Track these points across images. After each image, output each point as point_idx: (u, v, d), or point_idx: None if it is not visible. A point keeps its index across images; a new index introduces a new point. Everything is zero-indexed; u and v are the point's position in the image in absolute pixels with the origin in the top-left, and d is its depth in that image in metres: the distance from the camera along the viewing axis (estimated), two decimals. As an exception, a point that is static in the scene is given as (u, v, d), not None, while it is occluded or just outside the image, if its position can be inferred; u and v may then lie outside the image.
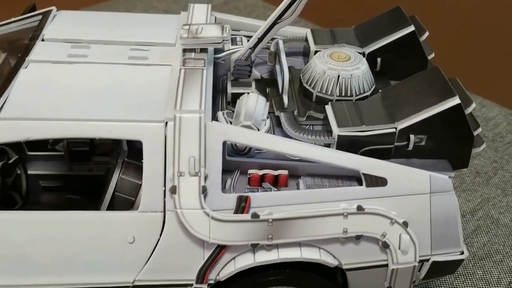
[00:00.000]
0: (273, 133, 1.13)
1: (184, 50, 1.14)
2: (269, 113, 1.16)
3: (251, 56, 1.19)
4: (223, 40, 1.13)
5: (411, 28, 1.27)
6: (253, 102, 1.11)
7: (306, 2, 1.12)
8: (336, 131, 1.05)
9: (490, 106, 1.94)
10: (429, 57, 1.31)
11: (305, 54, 1.37)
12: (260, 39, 1.16)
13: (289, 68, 1.31)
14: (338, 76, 1.15)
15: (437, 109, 1.04)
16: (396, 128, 1.05)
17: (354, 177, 1.06)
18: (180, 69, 1.09)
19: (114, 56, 1.14)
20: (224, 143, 1.00)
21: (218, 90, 1.25)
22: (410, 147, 1.06)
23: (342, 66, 1.16)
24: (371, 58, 1.29)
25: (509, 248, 1.42)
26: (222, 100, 1.21)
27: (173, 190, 0.97)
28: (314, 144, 1.06)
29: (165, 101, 1.01)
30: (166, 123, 0.98)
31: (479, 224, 1.48)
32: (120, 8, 2.52)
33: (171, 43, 1.20)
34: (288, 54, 1.38)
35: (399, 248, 1.03)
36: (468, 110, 1.07)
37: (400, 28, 1.28)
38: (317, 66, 1.17)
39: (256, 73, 1.21)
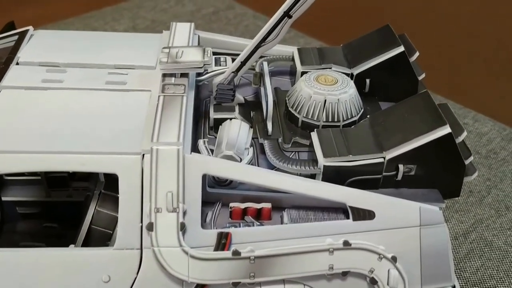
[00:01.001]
0: (257, 161, 1.09)
1: (164, 75, 1.09)
2: (253, 138, 1.12)
3: (234, 80, 1.14)
4: (204, 65, 1.08)
5: (401, 48, 1.23)
6: (236, 130, 1.07)
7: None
8: (322, 161, 1.00)
9: (484, 120, 1.90)
10: (420, 78, 1.27)
11: (292, 73, 1.32)
12: (243, 63, 1.11)
13: (275, 89, 1.26)
14: (325, 100, 1.11)
15: (427, 138, 0.99)
16: (384, 158, 1.01)
17: (340, 209, 1.01)
18: (159, 96, 1.04)
19: (91, 81, 1.10)
20: (204, 176, 0.96)
21: (201, 113, 1.20)
22: (399, 177, 1.02)
23: (328, 90, 1.12)
24: (359, 79, 1.24)
25: (503, 273, 1.38)
26: (205, 125, 1.16)
27: (150, 227, 0.92)
28: (299, 174, 1.02)
29: (143, 131, 0.97)
30: (143, 155, 0.93)
31: (472, 247, 1.44)
32: (107, 18, 2.47)
33: (151, 65, 1.15)
34: (275, 74, 1.35)
35: (388, 284, 0.98)
36: (459, 139, 1.02)
37: (390, 49, 1.24)
38: (302, 90, 1.13)
39: (240, 97, 1.16)
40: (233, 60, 1.27)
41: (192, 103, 1.07)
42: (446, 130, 0.99)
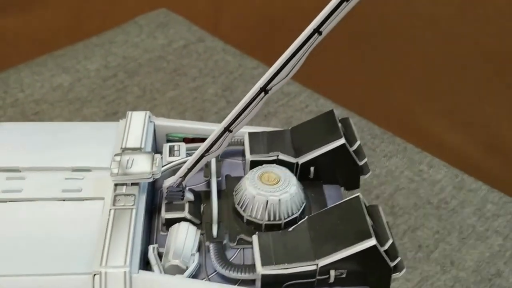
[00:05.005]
0: (205, 261, 1.18)
1: (116, 184, 1.18)
2: (202, 234, 1.21)
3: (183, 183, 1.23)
4: (152, 175, 1.17)
5: (342, 140, 1.32)
6: (183, 236, 1.16)
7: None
8: (260, 270, 1.10)
9: (438, 166, 1.99)
10: (361, 163, 1.36)
11: (244, 154, 1.41)
12: (189, 170, 1.20)
13: (226, 177, 1.35)
14: (267, 201, 1.20)
15: (354, 249, 1.09)
16: (317, 265, 1.11)
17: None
18: (110, 209, 1.13)
19: (48, 189, 1.18)
20: (151, 294, 1.05)
21: (155, 205, 1.29)
22: (331, 280, 1.12)
23: (270, 191, 1.21)
24: (304, 167, 1.34)
25: (443, 336, 1.49)
26: (159, 219, 1.25)
27: None
28: (241, 281, 1.11)
29: (94, 247, 1.05)
30: (94, 275, 1.02)
31: (415, 309, 1.55)
32: (80, 56, 2.53)
33: (106, 167, 1.23)
34: (228, 154, 1.43)
35: None
36: (386, 246, 1.12)
37: (331, 140, 1.33)
38: (247, 189, 1.22)
39: (189, 196, 1.25)
40: (188, 140, 1.38)
41: (143, 211, 1.16)
42: (371, 242, 1.09)
